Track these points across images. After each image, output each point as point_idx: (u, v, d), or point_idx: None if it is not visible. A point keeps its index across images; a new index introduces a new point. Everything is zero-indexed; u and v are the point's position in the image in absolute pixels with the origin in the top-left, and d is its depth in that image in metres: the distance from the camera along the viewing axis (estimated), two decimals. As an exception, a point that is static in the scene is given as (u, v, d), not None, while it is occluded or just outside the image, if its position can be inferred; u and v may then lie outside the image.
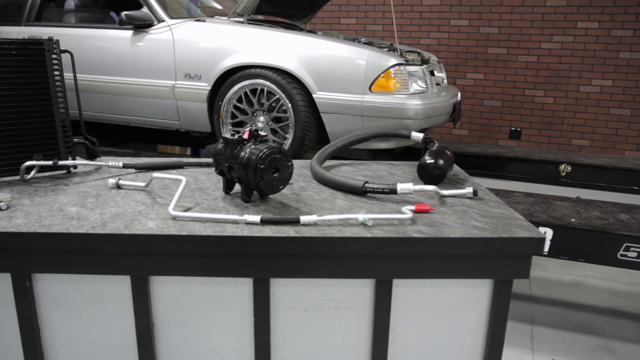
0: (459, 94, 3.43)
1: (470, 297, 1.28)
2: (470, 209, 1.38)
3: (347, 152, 3.06)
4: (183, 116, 3.12)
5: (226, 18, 3.14)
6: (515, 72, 4.64)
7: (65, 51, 1.61)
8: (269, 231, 1.17)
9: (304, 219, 1.20)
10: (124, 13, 3.02)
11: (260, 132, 1.33)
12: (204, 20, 3.07)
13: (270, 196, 1.40)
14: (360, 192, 1.43)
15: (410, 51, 3.35)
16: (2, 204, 1.28)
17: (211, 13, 3.87)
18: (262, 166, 1.24)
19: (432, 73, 3.14)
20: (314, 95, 2.76)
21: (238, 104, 2.94)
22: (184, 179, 1.35)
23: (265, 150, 1.25)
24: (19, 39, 1.53)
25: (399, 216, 1.25)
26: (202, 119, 3.07)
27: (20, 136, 1.54)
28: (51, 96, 1.58)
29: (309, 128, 2.81)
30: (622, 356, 2.36)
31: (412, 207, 1.31)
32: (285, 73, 2.79)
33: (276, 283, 1.23)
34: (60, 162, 1.54)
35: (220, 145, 1.37)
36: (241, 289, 1.23)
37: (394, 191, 1.40)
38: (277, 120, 2.92)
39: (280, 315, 1.25)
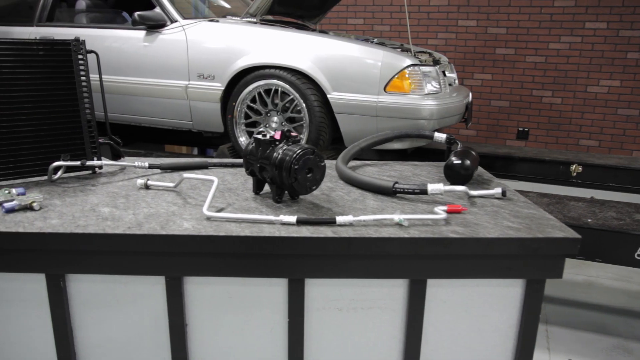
0: (470, 94, 3.44)
1: (503, 296, 1.28)
2: (501, 209, 1.38)
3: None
4: (196, 116, 3.12)
5: (239, 18, 3.14)
6: (523, 72, 4.65)
7: (91, 51, 1.61)
8: (306, 231, 1.17)
9: (340, 219, 1.20)
10: (137, 13, 3.03)
11: (292, 133, 1.33)
12: (217, 21, 3.08)
13: (301, 197, 1.40)
14: (390, 192, 1.43)
15: (421, 51, 3.35)
16: (35, 204, 1.28)
17: (219, 12, 3.87)
18: (296, 167, 1.24)
19: (443, 73, 3.15)
20: (328, 96, 2.77)
21: (252, 104, 2.94)
22: (215, 179, 1.35)
23: (299, 150, 1.25)
24: (46, 40, 1.53)
25: (434, 216, 1.26)
26: (215, 119, 3.07)
27: (46, 136, 1.54)
28: (77, 96, 1.58)
29: (323, 128, 2.81)
30: (639, 357, 2.36)
31: (445, 208, 1.31)
32: (299, 73, 2.80)
33: (311, 283, 1.23)
34: (88, 163, 1.53)
35: (251, 146, 1.37)
36: (276, 289, 1.23)
37: (424, 191, 1.40)
38: (290, 120, 2.92)
39: (314, 315, 1.25)
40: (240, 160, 1.75)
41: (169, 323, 1.25)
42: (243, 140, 3.00)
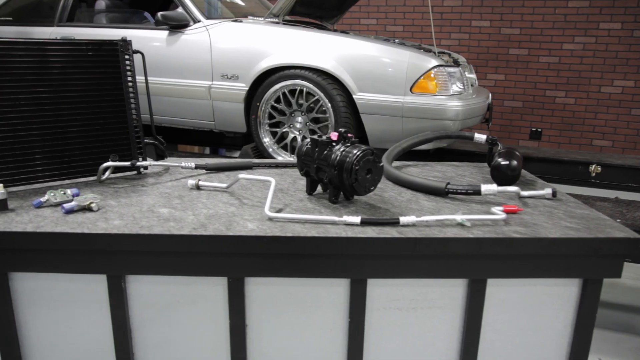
0: (490, 95, 3.45)
1: (559, 296, 1.28)
2: (554, 209, 1.39)
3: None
4: (218, 116, 3.12)
5: (262, 19, 3.14)
6: (537, 73, 4.66)
7: (137, 52, 1.61)
8: (372, 232, 1.17)
9: (403, 219, 1.20)
10: (160, 13, 3.02)
11: (348, 134, 1.33)
12: (240, 21, 3.07)
13: (355, 197, 1.41)
14: (442, 193, 1.44)
15: (441, 52, 3.36)
16: (93, 205, 1.28)
17: (233, 9, 3.86)
18: (357, 167, 1.25)
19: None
20: (354, 96, 2.77)
21: (276, 105, 2.94)
22: (273, 180, 1.35)
23: (359, 152, 1.26)
24: (94, 40, 1.53)
25: (494, 217, 1.26)
26: (238, 120, 3.06)
27: (94, 137, 1.54)
28: (124, 96, 1.58)
29: (349, 128, 2.81)
30: (668, 355, 2.37)
31: (501, 208, 1.32)
32: (325, 74, 2.80)
33: (372, 283, 1.23)
34: (138, 163, 1.53)
35: (306, 147, 1.38)
36: (337, 289, 1.23)
37: (477, 192, 1.41)
38: (315, 120, 2.92)
39: (374, 315, 1.26)
40: (284, 161, 1.75)
41: (229, 324, 1.25)
42: (267, 140, 3.00)
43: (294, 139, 2.97)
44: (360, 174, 1.26)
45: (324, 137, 1.33)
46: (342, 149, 1.29)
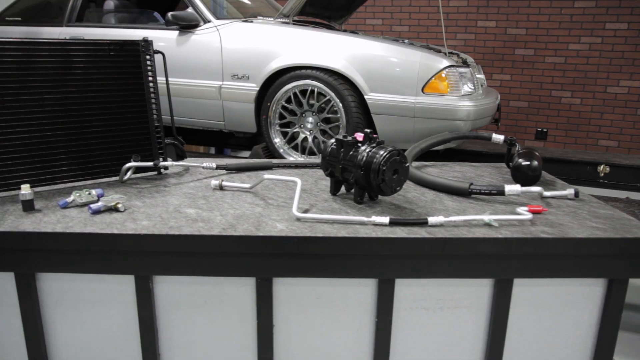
0: (499, 95, 3.45)
1: (585, 295, 1.29)
2: (578, 210, 1.39)
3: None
4: (228, 117, 3.12)
5: (272, 19, 3.14)
6: (542, 73, 4.67)
7: (157, 52, 1.61)
8: (401, 232, 1.17)
9: (432, 220, 1.21)
10: (170, 13, 3.02)
11: (374, 135, 1.34)
12: (251, 21, 3.07)
13: (380, 197, 1.41)
14: (465, 193, 1.44)
15: (450, 52, 3.36)
16: (119, 205, 1.28)
17: (239, 7, 3.85)
18: (384, 168, 1.25)
19: (474, 74, 3.16)
20: (365, 97, 2.77)
21: (286, 105, 2.94)
22: (298, 180, 1.35)
23: (386, 152, 1.26)
24: (116, 40, 1.53)
25: (520, 217, 1.26)
26: (248, 120, 3.06)
27: (116, 137, 1.54)
28: (145, 97, 1.58)
29: (360, 129, 2.81)
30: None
31: (526, 208, 1.32)
32: (336, 74, 2.80)
33: (400, 283, 1.23)
34: (161, 164, 1.53)
35: (331, 148, 1.38)
36: (364, 289, 1.24)
37: (501, 192, 1.41)
38: (326, 121, 2.92)
39: (401, 315, 1.26)
40: (304, 161, 1.75)
41: (257, 324, 1.25)
42: (278, 141, 3.00)
43: (305, 139, 2.97)
44: (387, 175, 1.26)
45: (349, 138, 1.33)
46: (368, 150, 1.29)
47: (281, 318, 1.26)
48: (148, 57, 1.58)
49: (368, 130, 1.33)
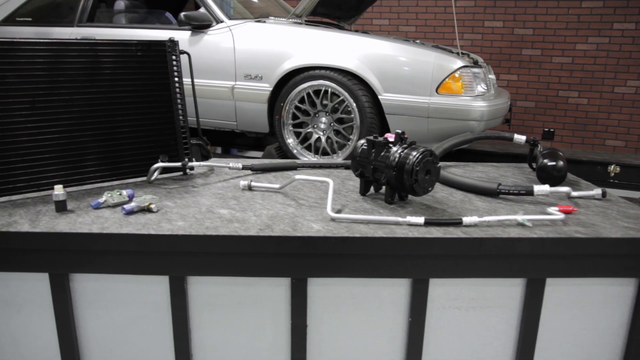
0: (509, 95, 3.46)
1: (616, 295, 1.29)
2: (607, 210, 1.40)
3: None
4: (241, 117, 3.12)
5: (285, 19, 3.14)
6: (550, 73, 4.68)
7: (183, 52, 1.61)
8: (436, 232, 1.18)
9: (466, 220, 1.21)
10: (183, 14, 3.02)
11: (405, 135, 1.34)
12: (264, 21, 3.08)
13: (410, 197, 1.41)
14: (494, 193, 1.45)
15: (463, 53, 3.37)
16: (153, 206, 1.28)
17: (247, 6, 3.85)
18: (417, 168, 1.25)
19: (485, 75, 3.17)
20: (379, 97, 2.78)
21: (299, 105, 2.94)
22: (330, 181, 1.35)
23: (418, 153, 1.26)
24: (142, 40, 1.53)
25: (552, 217, 1.27)
26: (260, 120, 3.07)
27: (143, 137, 1.54)
28: (172, 97, 1.58)
29: (374, 129, 2.82)
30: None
31: (556, 209, 1.33)
32: (350, 74, 2.80)
33: (434, 283, 1.24)
34: (190, 164, 1.53)
35: (361, 148, 1.38)
36: (398, 289, 1.24)
37: (530, 193, 1.41)
38: (339, 121, 2.92)
39: (434, 314, 1.26)
40: (328, 161, 1.75)
41: (290, 324, 1.25)
42: (291, 141, 3.00)
43: (318, 139, 2.97)
44: (420, 175, 1.27)
45: (381, 139, 1.34)
46: (400, 150, 1.30)
47: (315, 318, 1.26)
48: (174, 57, 1.58)
49: (399, 131, 1.33)
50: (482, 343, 1.30)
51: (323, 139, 2.95)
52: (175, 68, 1.59)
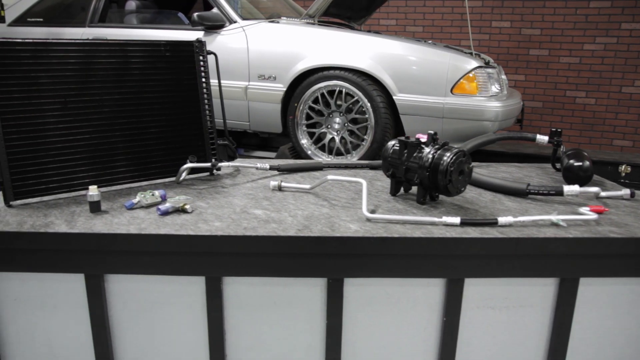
0: (521, 96, 3.47)
1: (647, 295, 1.30)
2: (637, 210, 1.40)
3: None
4: (254, 117, 3.12)
5: (298, 19, 3.14)
6: (557, 73, 4.69)
7: (210, 53, 1.61)
8: (473, 232, 1.18)
9: (501, 220, 1.22)
10: (196, 14, 3.02)
11: (436, 136, 1.35)
12: (277, 22, 3.08)
13: (441, 197, 1.42)
14: (523, 193, 1.45)
15: (476, 54, 3.38)
16: (187, 206, 1.28)
17: (253, 4, 3.85)
18: (452, 169, 1.26)
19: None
20: (394, 97, 2.78)
21: (313, 105, 2.95)
22: (364, 181, 1.35)
23: (453, 153, 1.27)
24: (170, 40, 1.53)
25: (585, 217, 1.28)
26: (274, 120, 3.07)
27: (171, 137, 1.54)
28: (199, 97, 1.58)
29: (388, 129, 2.83)
30: None
31: (588, 209, 1.33)
32: (364, 75, 2.81)
33: (469, 283, 1.24)
34: (220, 164, 1.53)
35: (393, 148, 1.39)
36: (433, 289, 1.24)
37: (560, 193, 1.42)
38: (353, 121, 2.93)
39: (468, 314, 1.27)
40: (353, 162, 1.76)
41: (326, 324, 1.25)
42: (305, 142, 3.01)
43: (332, 139, 2.97)
44: (454, 176, 1.27)
45: (413, 139, 1.34)
46: (433, 151, 1.30)
47: (350, 318, 1.26)
48: (201, 57, 1.58)
49: (432, 132, 1.34)
50: (514, 342, 1.31)
51: (337, 139, 2.96)
52: (202, 68, 1.59)
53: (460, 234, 1.17)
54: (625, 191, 1.50)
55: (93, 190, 1.27)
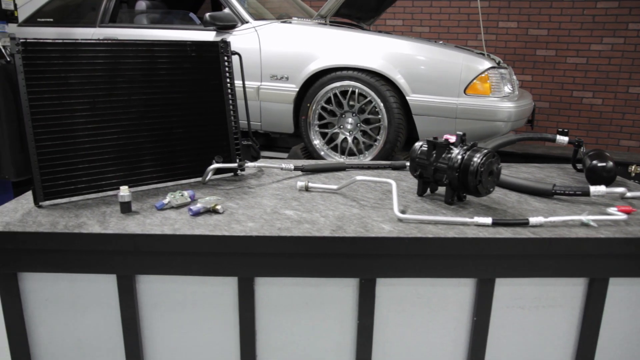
0: (532, 96, 3.48)
1: (675, 295, 1.31)
2: (663, 209, 1.41)
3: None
4: (265, 117, 3.12)
5: (310, 20, 3.15)
6: (564, 73, 4.70)
7: (235, 53, 1.61)
8: (505, 233, 1.19)
9: (533, 220, 1.22)
10: (208, 14, 3.03)
11: (465, 136, 1.35)
12: (289, 22, 3.08)
13: (468, 198, 1.42)
14: (549, 194, 1.46)
15: (484, 54, 3.39)
16: (218, 207, 1.29)
17: (260, 2, 3.85)
18: (482, 169, 1.26)
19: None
20: (407, 98, 2.79)
21: (326, 106, 2.95)
22: (393, 182, 1.36)
23: (482, 154, 1.27)
24: (196, 40, 1.54)
25: (615, 217, 1.28)
26: (286, 121, 3.07)
27: (196, 138, 1.54)
28: (224, 98, 1.59)
29: (401, 130, 2.83)
30: None
31: (615, 209, 1.34)
32: (378, 75, 2.81)
33: (499, 282, 1.25)
34: (246, 164, 1.54)
35: (421, 149, 1.39)
36: (464, 289, 1.25)
37: (586, 193, 1.43)
38: (366, 121, 2.93)
39: (498, 313, 1.27)
40: (376, 162, 1.76)
41: (357, 325, 1.26)
42: (317, 142, 3.01)
43: (344, 140, 2.98)
44: (484, 176, 1.28)
45: (442, 140, 1.35)
46: (462, 152, 1.31)
47: (380, 318, 1.27)
48: (226, 58, 1.59)
49: (460, 133, 1.34)
50: (543, 342, 1.31)
51: (350, 139, 2.96)
52: (227, 69, 1.59)
53: (492, 234, 1.18)
54: (650, 191, 1.50)
55: (124, 191, 1.27)
